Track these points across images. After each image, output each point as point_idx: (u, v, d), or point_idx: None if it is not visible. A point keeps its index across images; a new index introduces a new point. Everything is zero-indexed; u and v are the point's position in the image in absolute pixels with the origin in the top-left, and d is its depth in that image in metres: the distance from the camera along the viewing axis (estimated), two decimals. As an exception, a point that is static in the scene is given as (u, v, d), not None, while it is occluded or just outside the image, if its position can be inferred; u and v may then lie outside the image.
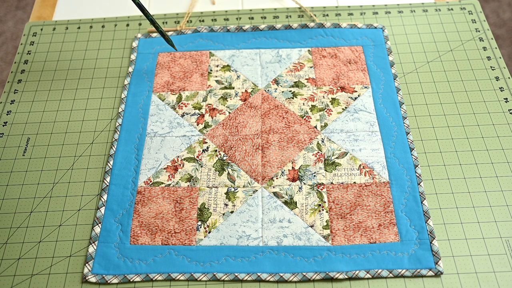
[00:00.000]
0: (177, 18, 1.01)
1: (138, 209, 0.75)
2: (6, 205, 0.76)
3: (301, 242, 0.71)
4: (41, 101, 0.89)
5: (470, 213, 0.73)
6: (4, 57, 1.94)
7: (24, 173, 0.80)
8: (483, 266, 0.68)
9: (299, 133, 0.82)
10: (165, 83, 0.89)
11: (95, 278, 0.68)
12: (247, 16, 1.00)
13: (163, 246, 0.71)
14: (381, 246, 0.70)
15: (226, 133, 0.82)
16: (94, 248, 0.71)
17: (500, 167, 0.77)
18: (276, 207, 0.74)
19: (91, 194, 0.77)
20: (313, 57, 0.92)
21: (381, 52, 0.92)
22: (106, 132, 0.84)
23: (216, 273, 0.68)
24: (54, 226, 0.74)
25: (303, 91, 0.87)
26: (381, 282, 0.67)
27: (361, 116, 0.83)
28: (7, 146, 0.83)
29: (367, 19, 0.98)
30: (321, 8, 1.01)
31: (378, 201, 0.74)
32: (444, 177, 0.77)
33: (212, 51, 0.94)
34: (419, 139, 0.81)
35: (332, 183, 0.76)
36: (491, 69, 0.90)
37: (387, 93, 0.86)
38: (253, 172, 0.78)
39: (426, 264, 0.68)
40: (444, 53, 0.92)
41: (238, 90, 0.88)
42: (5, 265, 0.70)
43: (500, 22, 1.95)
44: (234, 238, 0.71)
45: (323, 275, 0.67)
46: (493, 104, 0.85)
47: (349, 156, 0.79)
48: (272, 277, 0.68)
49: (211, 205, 0.75)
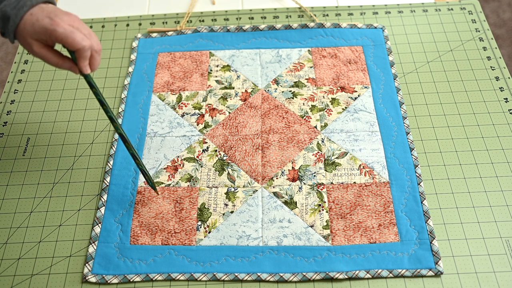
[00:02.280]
0: (177, 18, 1.01)
1: (138, 209, 0.75)
2: (6, 205, 0.76)
3: (301, 242, 0.71)
4: (41, 101, 0.89)
5: (470, 213, 0.73)
6: (4, 57, 1.94)
7: (24, 173, 0.80)
8: (483, 266, 0.68)
9: (299, 133, 0.82)
10: (165, 83, 0.89)
11: (95, 278, 0.68)
12: (247, 16, 1.00)
13: (163, 246, 0.71)
14: (381, 246, 0.70)
15: (226, 133, 0.82)
16: (94, 248, 0.71)
17: (500, 167, 0.77)
18: (276, 207, 0.74)
19: (91, 194, 0.77)
20: (313, 57, 0.92)
21: (381, 52, 0.92)
22: (106, 132, 0.84)
23: (216, 273, 0.68)
24: (54, 226, 0.74)
25: (303, 91, 0.87)
26: (381, 282, 0.67)
27: (361, 116, 0.83)
28: (7, 146, 0.83)
29: (367, 19, 0.98)
30: (321, 8, 1.01)
31: (378, 201, 0.74)
32: (444, 177, 0.77)
33: (212, 51, 0.94)
34: (419, 139, 0.81)
35: (332, 183, 0.76)
36: (491, 69, 0.90)
37: (387, 93, 0.86)
38: (253, 172, 0.78)
39: (426, 264, 0.68)
40: (444, 53, 0.92)
41: (238, 90, 0.88)
42: (5, 265, 0.70)
43: (500, 22, 1.95)
44: (234, 238, 0.71)
45: (323, 275, 0.67)
46: (493, 104, 0.85)
47: (349, 156, 0.79)
48: (272, 277, 0.68)
49: (211, 205, 0.75)
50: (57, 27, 0.62)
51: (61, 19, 0.62)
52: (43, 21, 0.62)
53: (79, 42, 0.62)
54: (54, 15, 0.63)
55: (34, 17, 0.63)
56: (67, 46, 0.63)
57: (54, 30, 0.61)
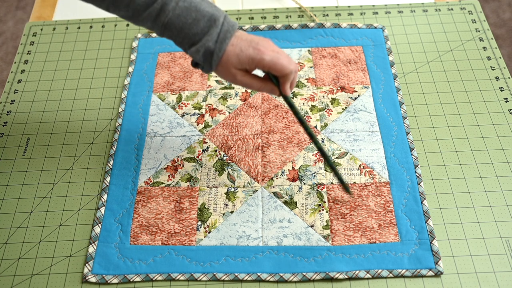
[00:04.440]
0: (177, 18, 1.00)
1: (138, 209, 0.75)
2: (6, 205, 0.76)
3: (301, 242, 0.71)
4: (41, 101, 0.89)
5: (470, 213, 0.73)
6: (4, 57, 1.94)
7: (24, 173, 0.80)
8: (483, 266, 0.68)
9: (299, 133, 0.82)
10: (165, 83, 0.89)
11: (95, 278, 0.68)
12: (247, 16, 1.00)
13: (163, 246, 0.71)
14: (381, 246, 0.70)
15: (226, 133, 0.82)
16: (94, 248, 0.71)
17: (500, 167, 0.77)
18: (276, 207, 0.74)
19: (91, 194, 0.77)
20: (313, 57, 0.92)
21: (381, 52, 0.92)
22: (106, 132, 0.84)
23: (216, 273, 0.68)
24: (54, 226, 0.74)
25: (303, 91, 0.87)
26: (381, 282, 0.67)
27: (361, 116, 0.83)
28: (7, 146, 0.83)
29: (367, 19, 0.98)
30: (321, 8, 1.01)
31: (378, 201, 0.74)
32: (444, 177, 0.77)
33: (212, 51, 0.94)
34: (419, 139, 0.81)
35: (332, 183, 0.76)
36: (491, 69, 0.90)
37: (387, 93, 0.86)
38: (253, 172, 0.78)
39: (426, 264, 0.68)
40: (444, 53, 0.92)
41: (238, 90, 0.88)
42: (5, 265, 0.70)
43: (500, 22, 1.95)
44: (234, 238, 0.71)
45: (323, 275, 0.67)
46: (493, 104, 0.85)
47: (349, 156, 0.79)
48: (272, 277, 0.68)
49: (211, 205, 0.75)
50: (264, 55, 0.62)
51: (263, 46, 0.63)
52: (247, 51, 0.62)
53: (287, 67, 0.63)
54: (256, 44, 0.63)
55: (237, 48, 0.63)
56: (274, 72, 0.63)
57: (262, 59, 0.62)
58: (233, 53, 0.63)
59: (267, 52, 0.62)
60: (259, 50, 0.62)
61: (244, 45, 0.63)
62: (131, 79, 0.90)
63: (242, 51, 0.62)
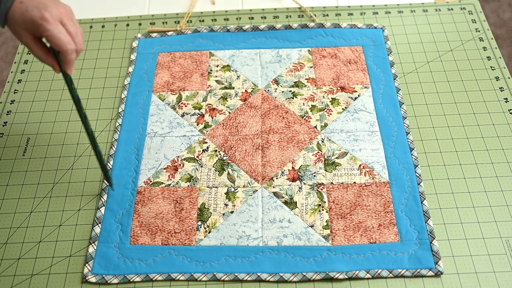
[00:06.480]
0: (177, 18, 1.01)
1: (138, 209, 0.75)
2: (6, 205, 0.76)
3: (301, 242, 0.71)
4: (41, 101, 0.89)
5: (470, 213, 0.73)
6: (4, 57, 1.94)
7: (24, 173, 0.80)
8: (483, 266, 0.68)
9: (299, 133, 0.82)
10: (165, 83, 0.89)
11: (95, 278, 0.68)
12: (247, 16, 1.00)
13: (163, 246, 0.71)
14: (381, 246, 0.70)
15: (226, 133, 0.82)
16: (94, 248, 0.71)
17: (500, 167, 0.77)
18: (276, 207, 0.74)
19: (91, 194, 0.77)
20: (313, 57, 0.92)
21: (381, 52, 0.92)
22: (106, 132, 0.84)
23: (216, 273, 0.68)
24: (54, 226, 0.74)
25: (303, 91, 0.87)
26: (381, 282, 0.67)
27: (361, 116, 0.83)
28: (7, 146, 0.83)
29: (367, 19, 0.98)
30: (321, 8, 1.01)
31: (378, 201, 0.74)
32: (444, 177, 0.77)
33: (212, 51, 0.94)
34: (419, 139, 0.81)
35: (332, 183, 0.76)
36: (491, 69, 0.90)
37: (387, 93, 0.86)
38: (253, 172, 0.78)
39: (426, 264, 0.68)
40: (444, 53, 0.92)
41: (238, 90, 0.88)
42: (5, 265, 0.70)
43: (500, 22, 1.95)
44: (234, 238, 0.71)
45: (323, 275, 0.67)
46: (493, 104, 0.85)
47: (349, 156, 0.79)
48: (272, 277, 0.68)
49: (211, 205, 0.75)
50: (45, 22, 0.59)
51: (50, 12, 0.59)
52: (32, 12, 0.59)
53: (64, 45, 0.60)
54: (44, 7, 0.59)
55: (24, 6, 0.60)
56: (52, 44, 0.61)
57: (41, 25, 0.59)
58: (18, 11, 0.60)
59: (52, 21, 0.59)
60: (43, 15, 0.59)
61: (32, 5, 0.60)
62: (131, 79, 0.90)
63: (27, 11, 0.59)
